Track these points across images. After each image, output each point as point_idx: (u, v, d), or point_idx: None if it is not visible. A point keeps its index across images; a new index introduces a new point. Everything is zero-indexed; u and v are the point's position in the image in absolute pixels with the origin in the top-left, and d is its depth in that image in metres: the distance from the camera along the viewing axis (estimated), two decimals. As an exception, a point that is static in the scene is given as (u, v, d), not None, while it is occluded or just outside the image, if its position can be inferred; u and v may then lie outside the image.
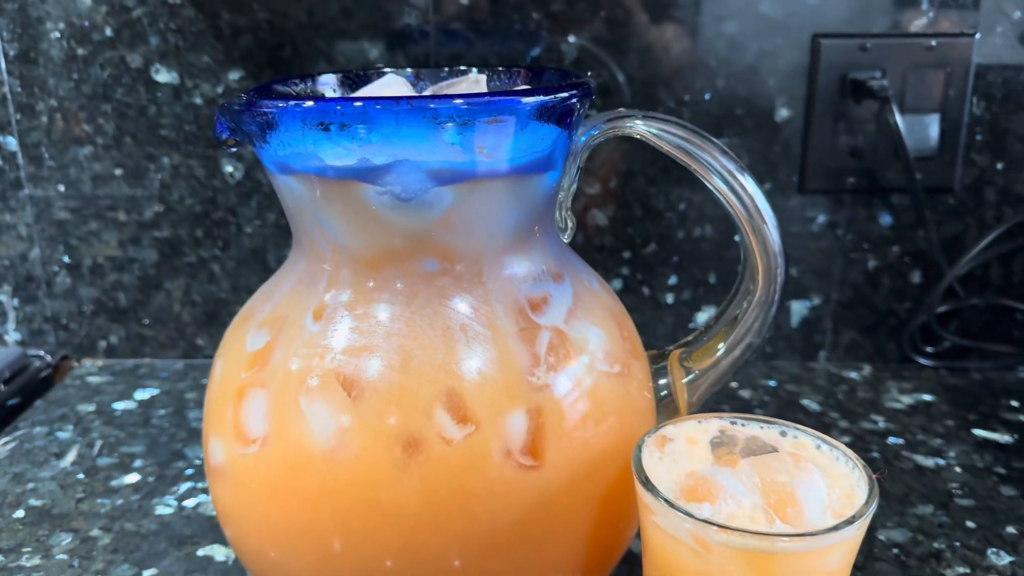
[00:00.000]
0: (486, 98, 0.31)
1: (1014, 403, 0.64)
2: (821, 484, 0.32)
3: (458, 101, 0.31)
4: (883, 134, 0.64)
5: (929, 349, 0.69)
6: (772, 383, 0.67)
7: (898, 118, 0.61)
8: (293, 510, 0.34)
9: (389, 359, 0.34)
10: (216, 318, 0.70)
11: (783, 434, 0.36)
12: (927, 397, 0.65)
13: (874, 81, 0.62)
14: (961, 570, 0.46)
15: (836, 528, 0.30)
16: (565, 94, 0.34)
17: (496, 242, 0.36)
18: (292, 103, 0.32)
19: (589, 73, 0.62)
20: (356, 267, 0.35)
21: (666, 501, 0.31)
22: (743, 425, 0.37)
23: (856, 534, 0.30)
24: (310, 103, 0.31)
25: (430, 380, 0.33)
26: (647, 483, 0.32)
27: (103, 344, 0.71)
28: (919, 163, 0.64)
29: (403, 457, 0.33)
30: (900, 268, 0.68)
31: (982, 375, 0.68)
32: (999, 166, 0.65)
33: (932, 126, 0.64)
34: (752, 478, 0.32)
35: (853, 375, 0.69)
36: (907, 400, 0.65)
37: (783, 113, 0.64)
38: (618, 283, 0.68)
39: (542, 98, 0.33)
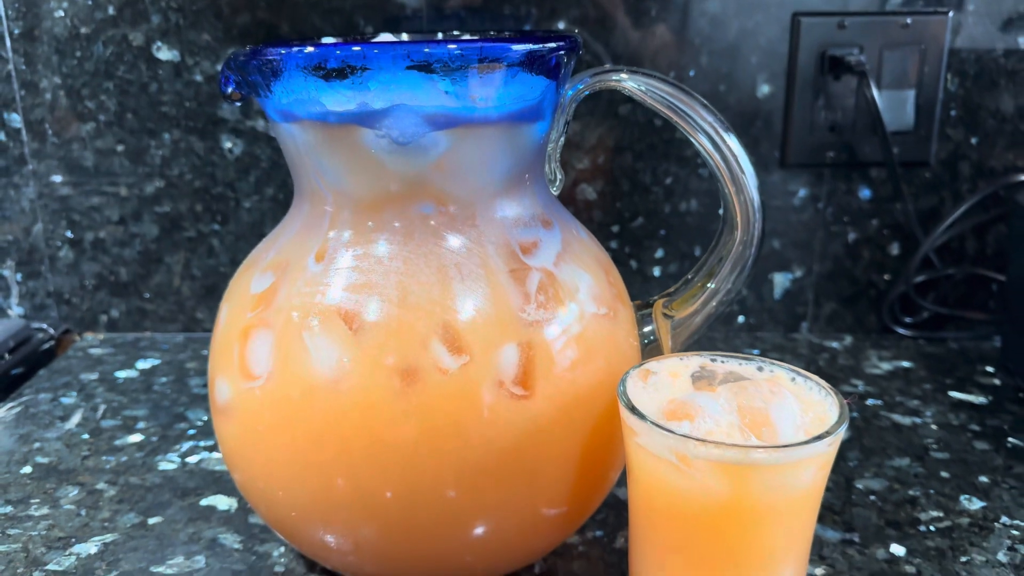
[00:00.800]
0: (479, 44, 0.34)
1: (989, 369, 0.66)
2: (795, 407, 0.34)
3: (452, 46, 0.33)
4: (861, 110, 0.66)
5: (908, 319, 0.72)
6: (755, 352, 0.69)
7: (875, 94, 0.64)
8: (298, 442, 0.36)
9: (388, 295, 0.36)
10: (215, 292, 0.71)
11: (760, 369, 0.38)
12: (906, 364, 0.67)
13: (852, 57, 0.64)
14: (935, 514, 0.48)
15: (808, 442, 0.32)
16: (553, 44, 0.36)
17: (488, 187, 0.38)
18: (295, 49, 0.34)
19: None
20: (356, 210, 0.37)
21: (649, 421, 0.33)
22: (723, 362, 0.39)
23: (827, 451, 0.32)
24: (311, 48, 0.33)
25: (427, 314, 0.35)
26: (631, 407, 0.34)
27: (104, 318, 0.72)
28: (896, 138, 0.66)
29: (401, 386, 0.35)
30: (879, 240, 0.70)
31: (959, 344, 0.71)
32: (973, 141, 0.68)
33: (908, 102, 0.66)
34: (729, 401, 0.34)
35: (834, 344, 0.71)
36: (886, 366, 0.67)
37: (764, 89, 0.67)
38: (606, 256, 0.70)
39: (531, 46, 0.35)
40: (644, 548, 0.36)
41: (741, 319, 0.72)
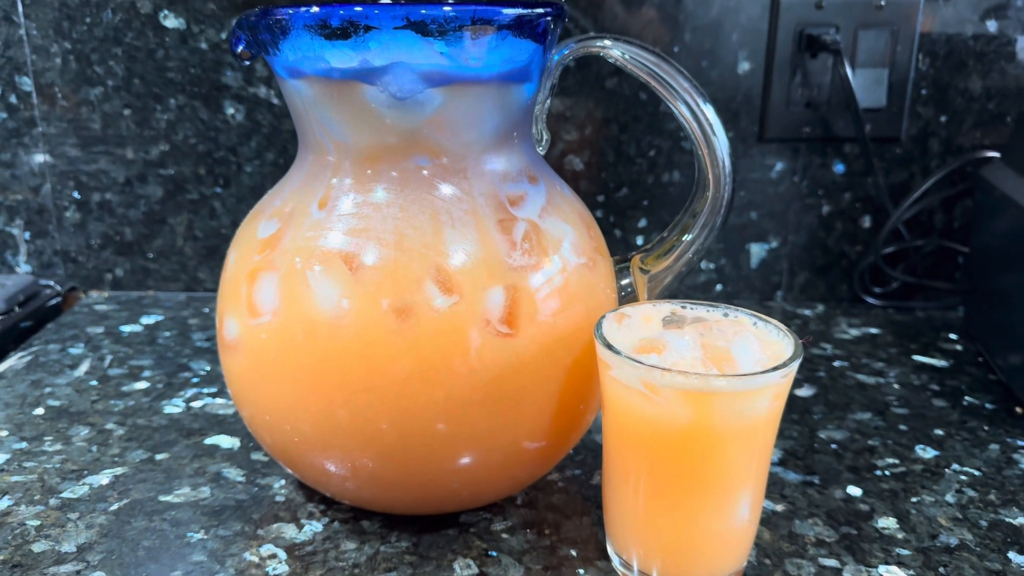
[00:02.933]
0: (471, 7, 0.37)
1: (952, 336, 0.70)
2: (755, 345, 0.38)
3: (446, 8, 0.36)
4: (836, 87, 0.69)
5: (878, 289, 0.75)
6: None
7: (849, 72, 0.67)
8: (301, 375, 0.39)
9: (385, 239, 0.39)
10: (217, 252, 0.74)
11: (725, 315, 0.41)
12: (873, 330, 0.71)
13: (827, 37, 0.67)
14: (891, 460, 0.52)
15: (763, 372, 0.35)
16: (540, 10, 0.39)
17: (479, 142, 0.41)
18: (302, 9, 0.37)
19: (568, 25, 0.67)
20: (356, 161, 0.40)
21: (622, 355, 0.36)
22: (692, 308, 0.42)
23: (781, 381, 0.36)
24: (316, 8, 0.36)
25: (420, 256, 0.38)
26: (606, 343, 0.37)
27: (109, 276, 0.75)
28: (869, 115, 0.70)
29: (397, 322, 0.38)
30: (851, 213, 0.74)
31: (926, 313, 0.74)
32: (942, 118, 0.71)
33: (881, 80, 0.70)
34: (694, 339, 0.38)
35: (807, 312, 0.74)
36: (855, 332, 0.70)
37: (744, 66, 0.70)
38: (592, 224, 0.74)
39: (520, 10, 0.38)
40: (617, 474, 0.39)
41: (719, 287, 0.76)
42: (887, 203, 0.71)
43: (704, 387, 0.35)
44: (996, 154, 0.69)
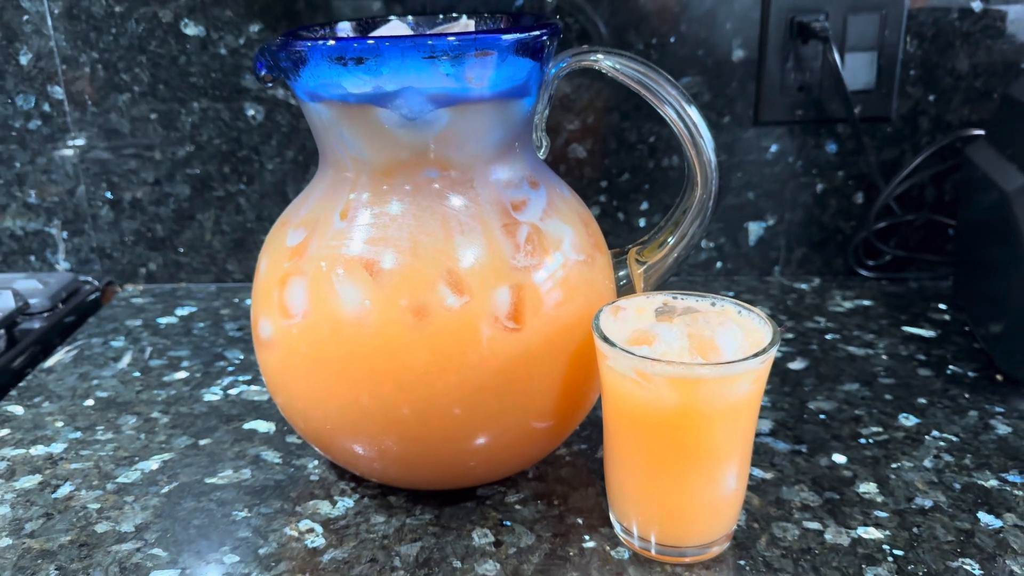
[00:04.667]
0: (473, 36, 0.40)
1: (942, 306, 0.73)
2: (738, 333, 0.42)
3: (451, 38, 0.40)
4: (827, 71, 0.72)
5: (871, 262, 0.79)
6: (730, 294, 0.76)
7: (836, 57, 0.70)
8: (330, 368, 0.44)
9: (401, 246, 0.43)
10: (243, 245, 0.79)
11: (713, 304, 0.45)
12: (866, 302, 0.74)
13: (817, 23, 0.70)
14: (875, 429, 0.56)
15: (743, 360, 0.39)
16: (536, 32, 0.43)
17: (484, 154, 0.45)
18: (320, 42, 0.40)
19: (568, 19, 0.70)
20: (373, 175, 0.44)
21: (617, 347, 0.40)
22: (682, 299, 0.46)
23: (760, 367, 0.40)
24: (333, 42, 0.40)
25: (433, 261, 0.43)
26: (603, 336, 0.41)
27: (143, 271, 0.80)
28: (860, 96, 0.73)
29: (414, 321, 0.42)
30: (845, 190, 0.77)
31: (918, 284, 0.78)
32: (931, 98, 0.74)
33: (871, 62, 0.72)
34: (682, 330, 0.42)
35: (803, 286, 0.78)
36: (848, 305, 0.74)
37: (739, 53, 0.73)
38: (596, 209, 0.78)
39: (518, 35, 0.42)
40: (615, 451, 0.44)
41: (719, 265, 0.80)
42: (878, 180, 0.75)
43: (689, 374, 0.39)
44: (982, 132, 0.72)
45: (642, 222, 0.78)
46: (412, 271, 0.43)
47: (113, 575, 0.44)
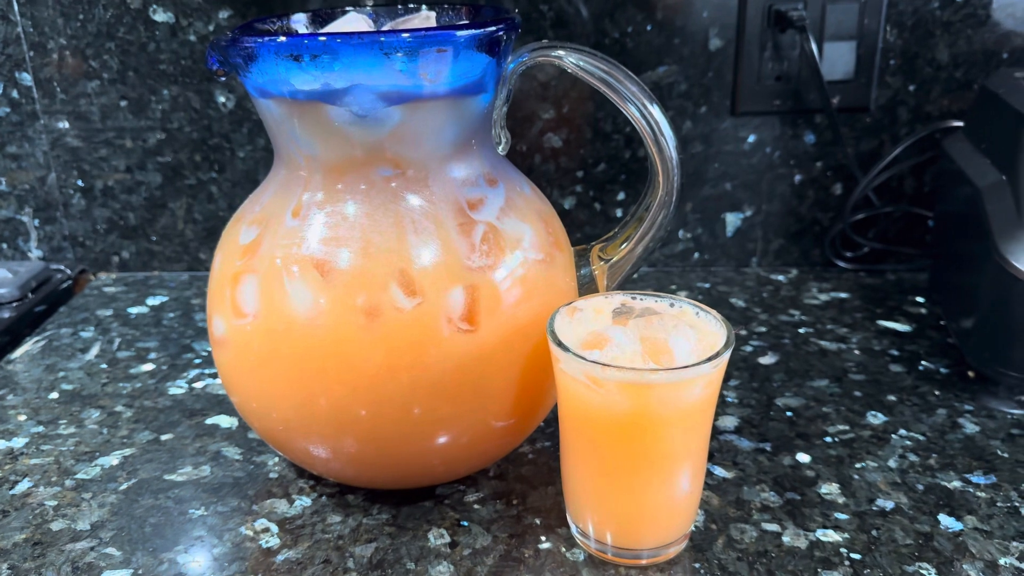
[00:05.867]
0: (425, 32, 0.39)
1: (919, 299, 0.73)
2: (692, 337, 0.41)
3: (404, 35, 0.39)
4: (804, 61, 0.71)
5: (849, 254, 0.78)
6: (706, 285, 0.76)
7: (813, 46, 0.69)
8: (283, 368, 0.43)
9: (353, 246, 0.42)
10: (215, 234, 0.78)
11: (671, 305, 0.45)
12: (842, 295, 0.74)
13: (795, 12, 0.69)
14: (841, 427, 0.55)
15: (693, 365, 0.39)
16: (492, 28, 0.42)
17: (439, 152, 0.44)
18: (268, 39, 0.40)
19: (543, 6, 0.69)
20: (325, 173, 0.43)
21: (567, 350, 0.40)
22: (641, 299, 0.45)
23: (712, 372, 0.39)
24: (282, 39, 0.39)
25: (386, 262, 0.42)
26: (556, 339, 0.41)
27: (116, 259, 0.79)
28: (839, 86, 0.72)
29: (366, 322, 0.42)
30: (823, 181, 0.76)
31: (896, 276, 0.77)
32: (911, 88, 0.73)
33: (850, 52, 0.71)
34: (636, 333, 0.41)
35: (780, 278, 0.77)
36: (824, 297, 0.73)
37: (716, 42, 0.72)
38: (572, 200, 0.77)
39: (473, 31, 0.41)
40: (570, 454, 0.43)
41: (696, 255, 0.79)
42: (856, 171, 0.74)
43: (640, 380, 0.38)
44: (961, 123, 0.71)
45: (619, 212, 0.77)
46: (364, 271, 0.42)
47: (65, 574, 0.44)
